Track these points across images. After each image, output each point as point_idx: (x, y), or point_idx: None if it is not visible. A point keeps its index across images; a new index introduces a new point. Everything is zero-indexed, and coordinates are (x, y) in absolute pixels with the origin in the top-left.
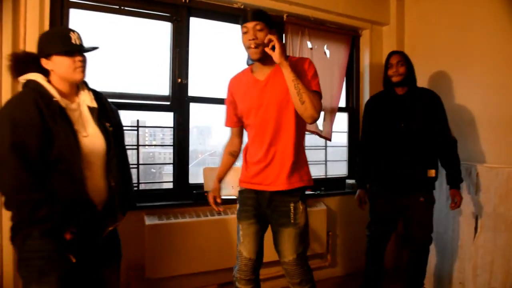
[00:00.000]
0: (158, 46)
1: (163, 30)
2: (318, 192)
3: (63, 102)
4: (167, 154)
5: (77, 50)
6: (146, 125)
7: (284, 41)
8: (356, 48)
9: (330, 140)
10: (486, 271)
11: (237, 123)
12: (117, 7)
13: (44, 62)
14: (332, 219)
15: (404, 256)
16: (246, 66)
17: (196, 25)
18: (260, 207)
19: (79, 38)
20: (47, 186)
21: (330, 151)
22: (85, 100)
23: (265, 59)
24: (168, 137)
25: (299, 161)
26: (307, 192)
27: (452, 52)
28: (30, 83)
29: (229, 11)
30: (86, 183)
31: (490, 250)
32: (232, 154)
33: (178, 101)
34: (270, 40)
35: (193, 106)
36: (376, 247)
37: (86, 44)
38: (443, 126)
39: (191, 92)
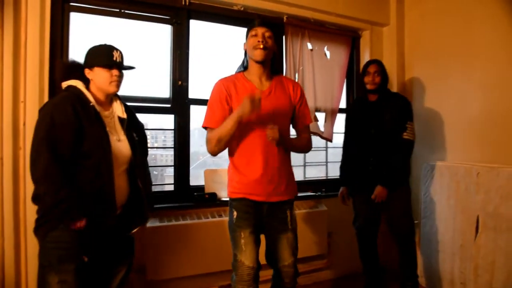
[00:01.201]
0: (159, 48)
1: (163, 32)
2: (319, 193)
3: (98, 107)
4: (169, 156)
5: (116, 66)
6: (148, 128)
7: (284, 43)
8: (357, 49)
9: (331, 141)
10: (487, 271)
11: None
12: (118, 10)
13: (87, 72)
14: (332, 220)
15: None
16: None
17: (196, 27)
18: (258, 216)
19: (121, 56)
20: (74, 181)
21: (330, 152)
22: (117, 110)
23: (265, 63)
24: (170, 139)
25: (291, 172)
26: (308, 194)
27: (452, 52)
28: (70, 88)
29: (229, 14)
30: (114, 180)
31: (492, 250)
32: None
33: (179, 103)
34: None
35: (194, 108)
36: (365, 241)
37: (126, 62)
38: (399, 127)
39: (192, 94)
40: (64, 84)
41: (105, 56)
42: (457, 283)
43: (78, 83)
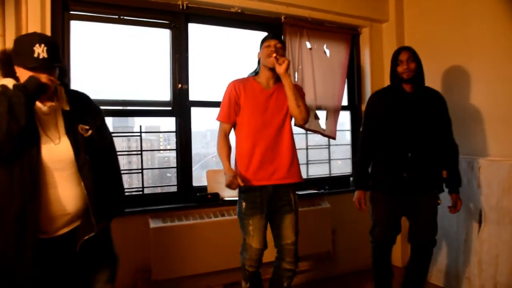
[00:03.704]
0: (158, 53)
1: (162, 37)
2: (322, 190)
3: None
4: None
5: (40, 66)
6: (152, 131)
7: None
8: (356, 46)
9: (334, 138)
10: (491, 265)
11: (234, 121)
12: (117, 16)
13: (15, 69)
14: (336, 217)
15: None
16: (246, 74)
17: (195, 30)
18: (265, 202)
19: (48, 49)
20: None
21: (333, 150)
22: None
23: (275, 70)
24: (173, 141)
25: (295, 160)
26: (310, 192)
27: (453, 47)
28: (2, 87)
29: (227, 16)
30: (47, 191)
31: (495, 244)
32: (230, 149)
33: (179, 106)
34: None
35: (195, 110)
36: (382, 253)
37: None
38: (449, 129)
39: (192, 97)
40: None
41: (24, 54)
42: (462, 277)
43: (8, 81)
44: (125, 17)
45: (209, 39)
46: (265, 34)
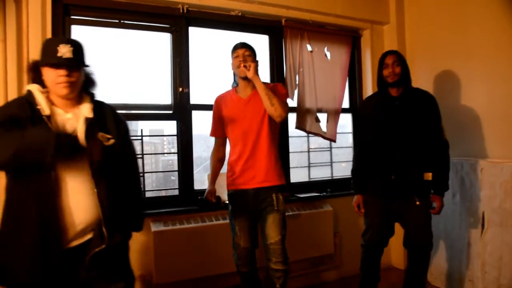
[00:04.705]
0: (159, 56)
1: (163, 41)
2: (324, 193)
3: (48, 110)
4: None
5: (61, 64)
6: (154, 135)
7: (283, 46)
8: (357, 48)
9: (334, 141)
10: (494, 267)
11: (223, 133)
12: (117, 21)
13: (42, 71)
14: (338, 220)
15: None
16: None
17: (195, 34)
18: (249, 203)
19: (72, 51)
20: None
21: (335, 153)
22: (84, 111)
23: (247, 78)
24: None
25: (273, 163)
26: (312, 194)
27: (454, 49)
28: (27, 92)
29: (227, 19)
30: (60, 199)
31: (498, 246)
32: (220, 160)
33: (180, 109)
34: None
35: (196, 114)
36: (371, 256)
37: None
38: (437, 128)
39: (193, 100)
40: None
41: (48, 53)
42: (465, 280)
43: (34, 87)
44: (125, 22)
45: (210, 43)
46: (266, 37)
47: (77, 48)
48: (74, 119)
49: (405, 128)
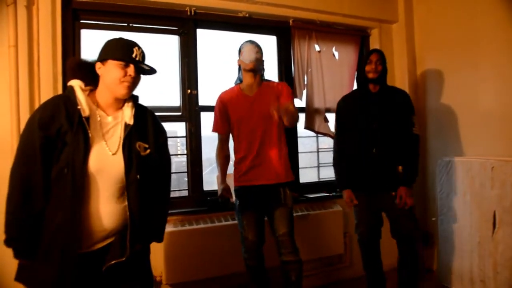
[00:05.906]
0: (168, 59)
1: (171, 43)
2: (334, 193)
3: (88, 111)
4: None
5: (132, 64)
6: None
7: (291, 46)
8: (366, 48)
9: None
10: (506, 268)
11: (228, 130)
12: (126, 24)
13: (98, 67)
14: (348, 220)
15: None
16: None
17: (203, 36)
18: (256, 199)
19: (142, 55)
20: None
21: None
22: (126, 116)
23: (256, 72)
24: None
25: (282, 160)
26: (322, 195)
27: (463, 47)
28: (68, 88)
29: (235, 21)
30: (89, 204)
31: (510, 246)
32: (226, 158)
33: (189, 111)
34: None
35: (205, 115)
36: (368, 249)
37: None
38: (407, 121)
39: (202, 101)
40: (68, 85)
41: (123, 50)
42: (476, 280)
43: (76, 83)
44: (134, 25)
45: (218, 44)
46: (273, 38)
47: (144, 56)
48: (113, 123)
49: (382, 122)
